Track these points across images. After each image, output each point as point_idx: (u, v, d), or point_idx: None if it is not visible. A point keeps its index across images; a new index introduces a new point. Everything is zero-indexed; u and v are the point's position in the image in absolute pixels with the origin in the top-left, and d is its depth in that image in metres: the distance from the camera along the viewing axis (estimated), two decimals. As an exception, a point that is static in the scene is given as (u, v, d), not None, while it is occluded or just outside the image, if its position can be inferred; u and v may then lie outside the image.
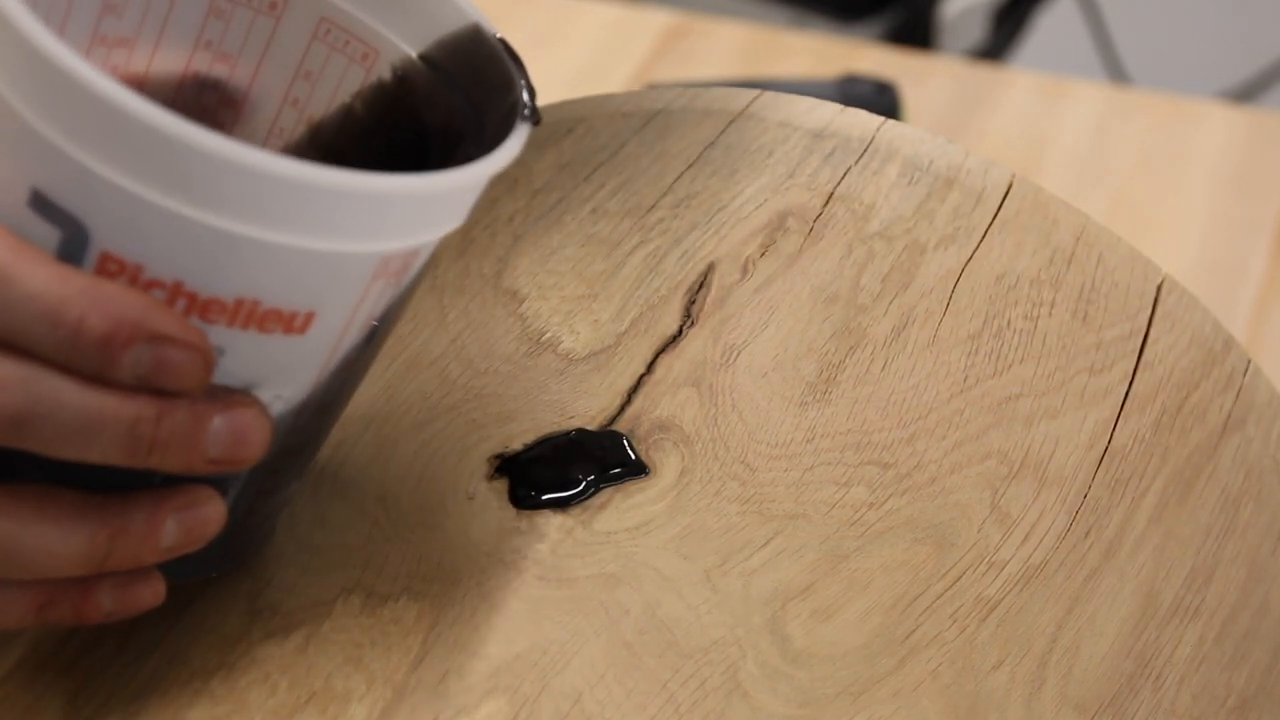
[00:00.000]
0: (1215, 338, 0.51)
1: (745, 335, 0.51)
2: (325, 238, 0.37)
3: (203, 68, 0.44)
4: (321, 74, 0.44)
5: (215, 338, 0.37)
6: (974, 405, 0.50)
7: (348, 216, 0.37)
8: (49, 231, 0.36)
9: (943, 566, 0.46)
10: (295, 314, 0.38)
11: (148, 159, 0.35)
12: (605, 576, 0.45)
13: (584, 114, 0.57)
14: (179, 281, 0.36)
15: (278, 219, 0.36)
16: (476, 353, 0.50)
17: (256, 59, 0.44)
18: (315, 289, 0.38)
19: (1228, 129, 1.01)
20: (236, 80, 0.44)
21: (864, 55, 1.06)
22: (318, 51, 0.44)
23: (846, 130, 0.56)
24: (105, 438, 0.36)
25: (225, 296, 0.37)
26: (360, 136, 0.44)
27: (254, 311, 0.37)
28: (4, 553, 0.37)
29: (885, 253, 0.53)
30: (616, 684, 0.43)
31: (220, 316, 0.37)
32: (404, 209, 0.38)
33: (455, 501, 0.46)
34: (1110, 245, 0.53)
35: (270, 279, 0.37)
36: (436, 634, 0.43)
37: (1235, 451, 0.49)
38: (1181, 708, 0.45)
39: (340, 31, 0.44)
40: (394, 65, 0.44)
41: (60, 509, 0.38)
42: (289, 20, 0.44)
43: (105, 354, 0.36)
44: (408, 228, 0.38)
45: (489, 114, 0.42)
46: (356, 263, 0.38)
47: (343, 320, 0.39)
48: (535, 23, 1.09)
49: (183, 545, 0.39)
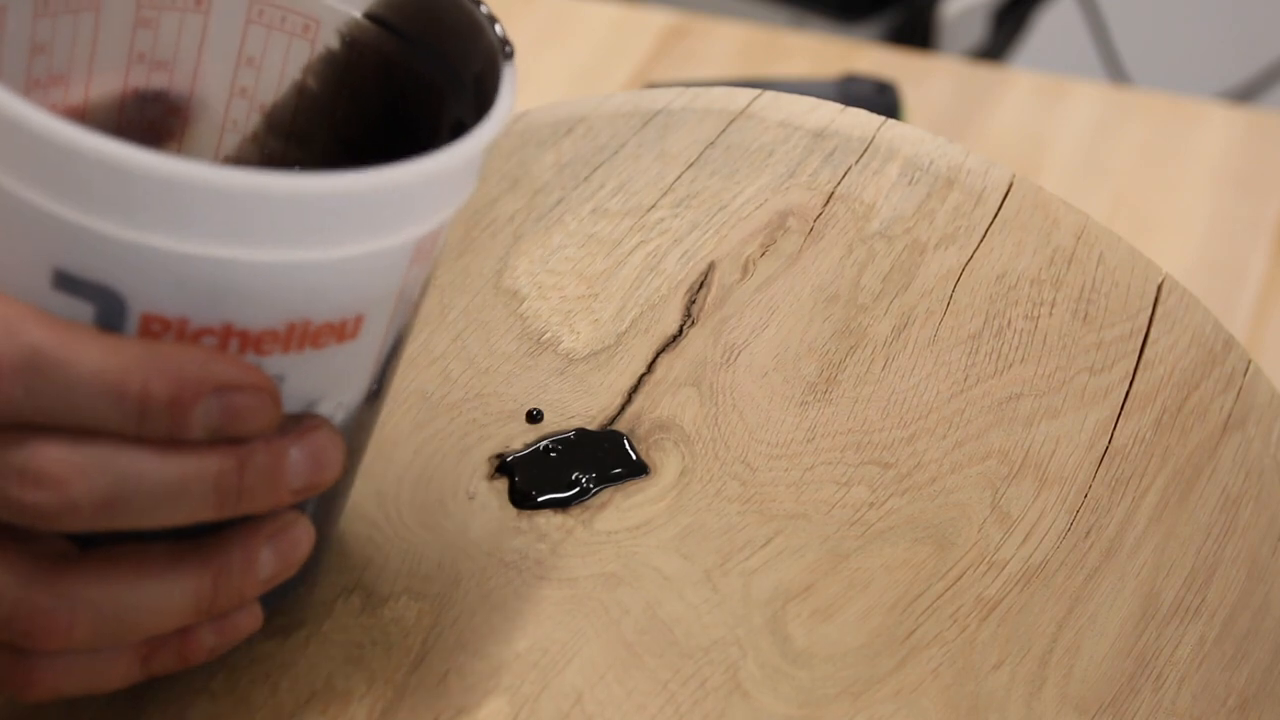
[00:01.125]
0: (1215, 337, 0.51)
1: (746, 335, 0.51)
2: (365, 240, 0.36)
3: (140, 82, 0.42)
4: (264, 57, 0.43)
5: (273, 367, 0.36)
6: (974, 405, 0.50)
7: (383, 213, 0.36)
8: (81, 308, 0.35)
9: (943, 566, 0.46)
10: (345, 322, 0.37)
11: (172, 211, 0.34)
12: (606, 576, 0.45)
13: (584, 114, 0.57)
14: (228, 324, 0.35)
15: (318, 237, 0.35)
16: (477, 352, 0.50)
17: (194, 58, 0.42)
18: (360, 292, 0.37)
19: (1228, 129, 1.01)
20: (177, 85, 0.43)
21: (864, 55, 1.06)
22: (255, 35, 0.42)
23: (847, 130, 0.56)
24: (193, 500, 0.36)
25: (277, 326, 0.36)
26: (321, 113, 0.43)
27: (307, 331, 0.36)
28: (114, 619, 0.36)
29: (886, 252, 0.53)
30: (617, 684, 0.43)
31: (275, 346, 0.36)
32: (433, 190, 0.37)
33: (455, 501, 0.46)
34: (1110, 245, 0.53)
35: (318, 296, 0.36)
36: (437, 634, 0.43)
37: (1236, 451, 0.49)
38: (1182, 708, 0.45)
39: (275, 9, 0.42)
40: (340, 31, 0.42)
41: (159, 563, 0.37)
42: (219, 10, 0.42)
43: (175, 416, 0.35)
44: (436, 206, 0.37)
45: (461, 62, 0.40)
46: (394, 254, 0.37)
47: (388, 313, 0.38)
48: (535, 23, 1.09)
49: (280, 573, 0.38)
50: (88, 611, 0.36)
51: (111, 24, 0.41)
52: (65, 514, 0.35)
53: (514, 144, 0.57)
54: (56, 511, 0.35)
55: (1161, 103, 1.03)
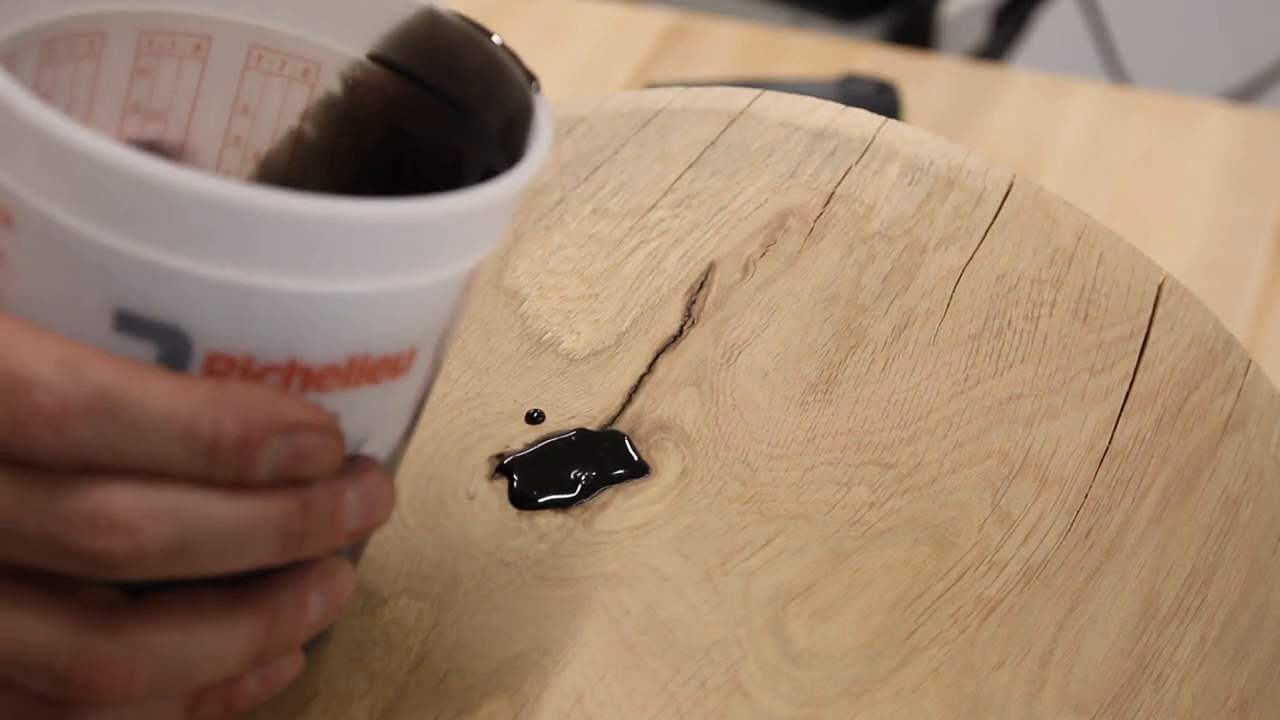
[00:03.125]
0: (1216, 338, 0.51)
1: (746, 335, 0.51)
2: (425, 270, 0.35)
3: (134, 132, 0.41)
4: (260, 104, 0.41)
5: (330, 405, 0.35)
6: (975, 405, 0.50)
7: (444, 242, 0.35)
8: (143, 349, 0.34)
9: (943, 566, 0.46)
10: (400, 355, 0.36)
11: (241, 242, 0.33)
12: (606, 576, 0.45)
13: (584, 114, 0.57)
14: (293, 360, 0.34)
15: (383, 266, 0.34)
16: (477, 352, 0.50)
17: (188, 107, 0.41)
18: (417, 325, 0.36)
19: (1228, 129, 1.01)
20: (170, 135, 0.41)
21: (864, 55, 1.06)
22: (252, 81, 0.41)
23: (847, 130, 0.56)
24: (258, 545, 0.35)
25: (339, 361, 0.35)
26: (318, 161, 0.42)
27: (365, 366, 0.35)
28: (173, 667, 0.35)
29: (886, 253, 0.53)
30: (617, 684, 0.43)
31: (335, 382, 0.35)
32: (488, 219, 0.36)
33: (456, 501, 0.46)
34: (1111, 245, 0.53)
35: (379, 328, 0.35)
36: (437, 634, 0.43)
37: (1236, 451, 0.49)
38: (1182, 708, 0.45)
39: (274, 54, 0.41)
40: (342, 74, 0.41)
41: (214, 610, 0.36)
42: (216, 58, 0.41)
43: (244, 457, 0.34)
44: (488, 235, 0.36)
45: (481, 104, 0.39)
46: (449, 285, 0.36)
47: (434, 346, 0.37)
48: (535, 23, 1.09)
49: (327, 617, 0.37)
50: (148, 660, 0.35)
51: (111, 73, 0.40)
52: (135, 561, 0.34)
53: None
54: (126, 559, 0.34)
55: (1161, 103, 1.03)
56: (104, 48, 0.39)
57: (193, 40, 0.40)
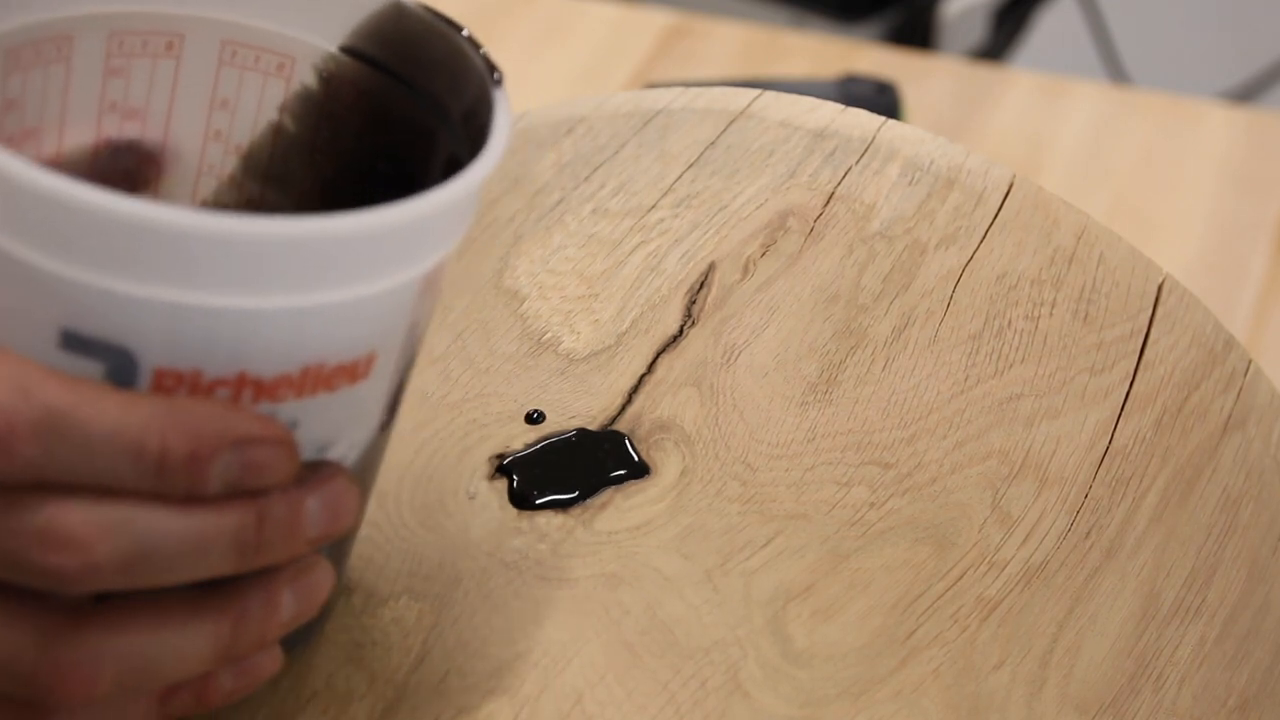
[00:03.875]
0: (1216, 338, 0.51)
1: (746, 335, 0.51)
2: (375, 279, 0.35)
3: (113, 131, 0.41)
4: (238, 99, 0.41)
5: (287, 414, 0.36)
6: (975, 405, 0.50)
7: (392, 251, 0.35)
8: (90, 367, 0.34)
9: (944, 566, 0.46)
10: (358, 361, 0.36)
11: (180, 263, 0.33)
12: (606, 576, 0.45)
13: (584, 114, 0.57)
14: (241, 373, 0.35)
15: (328, 279, 0.34)
16: (477, 352, 0.50)
17: (166, 104, 0.41)
18: (372, 331, 0.36)
19: (1228, 129, 1.01)
20: (150, 133, 0.42)
21: (864, 55, 1.06)
22: (228, 77, 0.41)
23: (847, 130, 0.55)
24: (213, 556, 0.35)
25: (291, 371, 0.35)
26: (300, 153, 0.42)
27: (320, 374, 0.35)
28: (136, 668, 0.36)
29: (886, 253, 0.53)
30: (617, 684, 0.43)
31: (289, 392, 0.35)
32: (439, 224, 0.36)
33: (456, 501, 0.46)
34: (1111, 245, 0.53)
35: (331, 338, 0.35)
36: (437, 634, 0.43)
37: (1236, 451, 0.49)
38: (1183, 708, 0.45)
39: (248, 49, 0.41)
40: (316, 67, 0.41)
41: (178, 611, 0.36)
42: (191, 54, 0.41)
43: (193, 472, 0.34)
44: (443, 239, 0.36)
45: (448, 94, 0.39)
46: (404, 290, 0.36)
47: (398, 348, 0.37)
48: (535, 23, 1.09)
49: (301, 615, 0.38)
50: (111, 663, 0.35)
51: (82, 75, 0.40)
52: (87, 576, 0.34)
53: (514, 144, 0.57)
54: (78, 574, 0.34)
55: (1161, 103, 1.03)
56: (73, 50, 0.39)
57: (164, 38, 0.40)
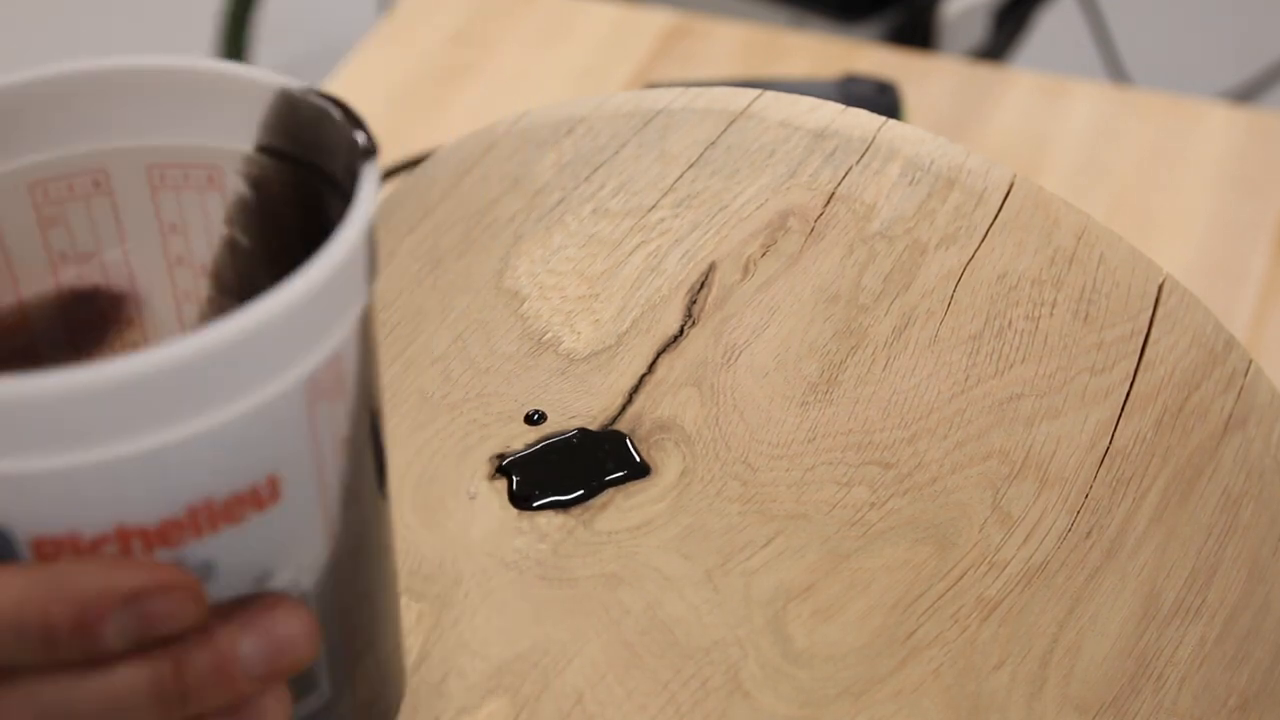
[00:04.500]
0: (1216, 338, 0.51)
1: (747, 335, 0.51)
2: (228, 404, 0.33)
3: (72, 280, 0.40)
4: (185, 221, 0.40)
5: (196, 555, 0.34)
6: (975, 405, 0.50)
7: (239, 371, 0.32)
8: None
9: (944, 566, 0.46)
10: (256, 488, 0.34)
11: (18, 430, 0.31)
12: (606, 576, 0.45)
13: (584, 114, 0.57)
14: (120, 526, 0.33)
15: (171, 416, 0.32)
16: (478, 352, 0.50)
17: (118, 242, 0.40)
18: (259, 454, 0.34)
19: (1228, 129, 1.01)
20: (113, 274, 0.40)
21: (864, 55, 1.06)
22: (167, 200, 0.40)
23: (847, 130, 0.55)
24: (134, 712, 0.34)
25: (176, 514, 0.33)
26: (258, 261, 0.40)
27: (212, 510, 0.34)
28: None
29: (886, 253, 0.53)
30: (617, 684, 0.43)
31: (185, 534, 0.33)
32: (294, 327, 0.33)
33: (456, 501, 0.46)
34: (1111, 245, 0.53)
35: (206, 472, 0.33)
36: (438, 634, 0.43)
37: (1236, 451, 0.49)
38: (1183, 708, 0.45)
39: (174, 169, 0.39)
40: (241, 173, 0.39)
41: None
42: (120, 187, 0.39)
43: (85, 638, 0.33)
44: (315, 333, 0.34)
45: (342, 171, 0.37)
46: (279, 405, 0.33)
47: (312, 461, 0.35)
48: (535, 23, 1.09)
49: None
50: None
51: (16, 231, 0.39)
52: None
53: (514, 144, 0.57)
54: None
55: (1162, 103, 1.03)
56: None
57: (89, 177, 0.40)
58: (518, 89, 1.04)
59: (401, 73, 1.06)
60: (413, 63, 1.07)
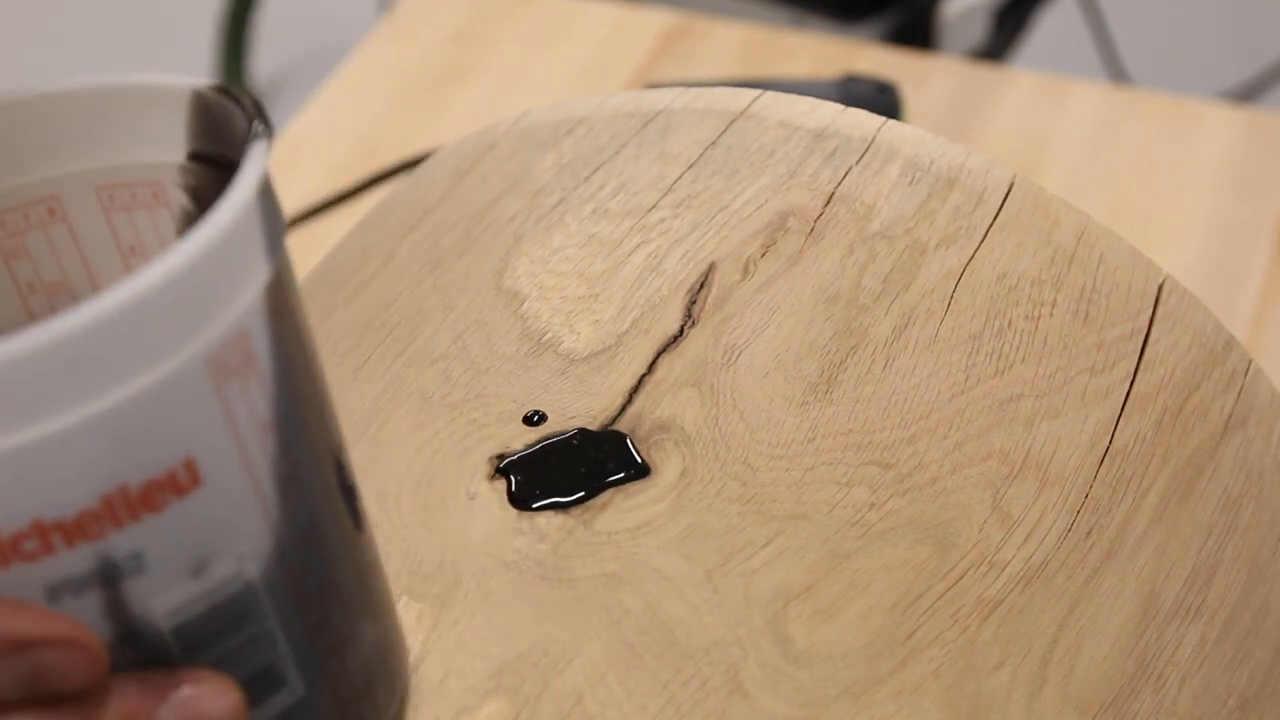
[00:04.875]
0: (1216, 338, 0.51)
1: (746, 335, 0.51)
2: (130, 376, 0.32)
3: (44, 310, 0.39)
4: (141, 240, 0.39)
5: (120, 547, 0.33)
6: (975, 405, 0.50)
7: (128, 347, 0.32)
8: None
9: (944, 567, 0.46)
10: (173, 472, 0.33)
11: None
12: (606, 577, 0.45)
13: (584, 114, 0.57)
14: (36, 519, 0.32)
15: (78, 390, 0.31)
16: (477, 353, 0.50)
17: (82, 269, 0.39)
18: (167, 435, 0.33)
19: (1228, 129, 1.01)
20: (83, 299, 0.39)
21: (864, 55, 1.06)
22: (121, 222, 0.39)
23: (847, 130, 0.55)
24: None
25: (91, 505, 0.32)
26: None
27: (129, 498, 0.33)
28: None
29: (886, 253, 0.53)
30: (617, 684, 0.43)
31: (104, 525, 0.33)
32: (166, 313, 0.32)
33: (456, 501, 0.46)
34: (1111, 245, 0.53)
35: (115, 455, 0.32)
36: (437, 634, 0.43)
37: (1236, 452, 0.49)
38: (1183, 708, 0.45)
39: (121, 188, 0.39)
40: (181, 186, 0.39)
41: None
42: (74, 212, 0.39)
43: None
44: (204, 307, 0.33)
45: None
46: (175, 387, 0.33)
47: (231, 444, 0.34)
48: (535, 23, 1.09)
49: None
50: None
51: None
52: None
53: (514, 144, 0.57)
54: None
55: (1162, 103, 1.03)
56: None
57: (44, 205, 0.39)
58: (518, 89, 1.04)
59: (401, 73, 1.06)
60: (413, 63, 1.07)
